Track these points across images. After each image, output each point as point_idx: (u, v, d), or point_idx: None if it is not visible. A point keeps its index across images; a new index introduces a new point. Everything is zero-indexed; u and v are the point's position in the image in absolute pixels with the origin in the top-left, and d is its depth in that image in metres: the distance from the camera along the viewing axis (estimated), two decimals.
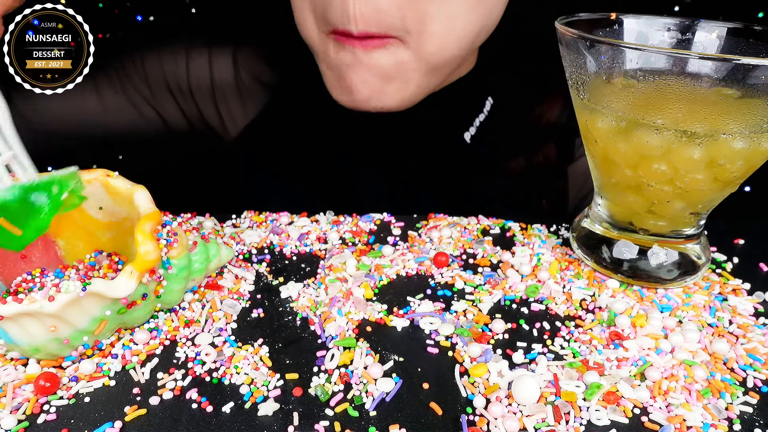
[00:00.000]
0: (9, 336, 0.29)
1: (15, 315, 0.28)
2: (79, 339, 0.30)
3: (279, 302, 0.37)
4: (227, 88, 0.63)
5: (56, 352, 0.30)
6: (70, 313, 0.29)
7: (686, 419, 0.29)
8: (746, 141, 0.33)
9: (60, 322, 0.29)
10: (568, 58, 0.38)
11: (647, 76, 0.33)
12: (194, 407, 0.29)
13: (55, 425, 0.28)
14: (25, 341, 0.29)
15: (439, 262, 0.41)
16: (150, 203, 0.34)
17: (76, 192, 0.33)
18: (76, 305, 0.29)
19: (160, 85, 0.62)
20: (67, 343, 0.30)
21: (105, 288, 0.29)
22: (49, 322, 0.29)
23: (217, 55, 0.63)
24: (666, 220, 0.38)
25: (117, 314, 0.31)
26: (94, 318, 0.30)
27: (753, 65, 0.30)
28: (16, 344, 0.29)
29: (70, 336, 0.30)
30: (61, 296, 0.28)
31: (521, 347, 0.34)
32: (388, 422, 0.29)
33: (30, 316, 0.28)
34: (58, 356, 0.31)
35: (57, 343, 0.30)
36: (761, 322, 0.36)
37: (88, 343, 0.31)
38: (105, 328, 0.31)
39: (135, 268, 0.30)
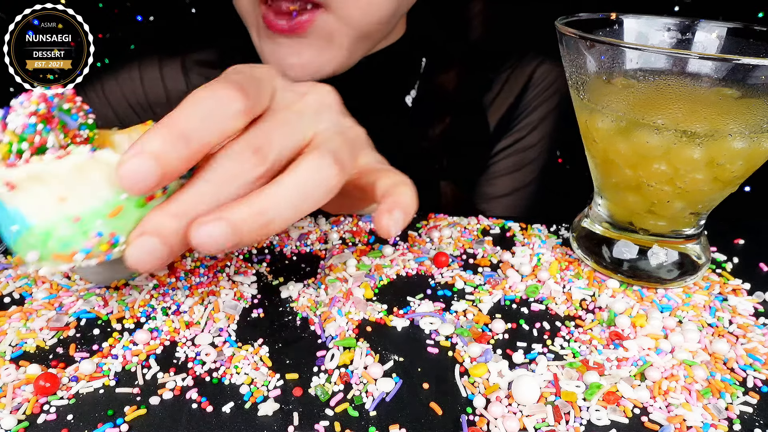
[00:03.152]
0: (23, 217, 0.26)
1: (26, 179, 0.25)
2: (91, 221, 0.26)
3: (279, 302, 0.37)
4: (180, 95, 0.64)
5: (67, 237, 0.26)
6: (81, 181, 0.26)
7: (686, 419, 0.29)
8: (746, 141, 0.33)
9: (70, 191, 0.26)
10: (568, 58, 0.38)
11: (647, 76, 0.33)
12: (194, 407, 0.29)
13: (55, 425, 0.28)
14: (37, 218, 0.26)
15: (439, 262, 0.41)
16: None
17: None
18: (86, 173, 0.26)
19: (122, 105, 0.64)
20: (77, 222, 0.26)
21: (115, 157, 0.26)
22: (58, 189, 0.26)
23: (167, 66, 0.65)
24: (666, 220, 0.38)
25: (135, 207, 0.27)
26: (106, 199, 0.26)
27: (753, 65, 0.30)
28: (29, 229, 0.26)
29: (82, 214, 0.26)
30: (70, 157, 0.26)
31: (521, 347, 0.34)
32: (388, 422, 0.29)
33: (39, 180, 0.26)
34: (70, 248, 0.26)
35: (68, 223, 0.26)
36: (761, 322, 0.36)
37: (102, 231, 0.27)
38: (121, 214, 0.27)
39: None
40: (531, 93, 0.66)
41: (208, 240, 0.26)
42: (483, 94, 0.66)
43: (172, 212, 0.26)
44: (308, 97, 0.32)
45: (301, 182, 0.28)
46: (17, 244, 0.27)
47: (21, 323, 0.34)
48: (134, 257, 0.26)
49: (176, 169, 0.26)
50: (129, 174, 0.25)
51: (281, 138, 0.29)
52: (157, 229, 0.26)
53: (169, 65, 0.65)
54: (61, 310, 0.36)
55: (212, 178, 0.27)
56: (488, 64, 0.66)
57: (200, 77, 0.65)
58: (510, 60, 0.66)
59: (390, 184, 0.32)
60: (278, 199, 0.28)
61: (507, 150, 0.67)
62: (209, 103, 0.27)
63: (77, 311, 0.36)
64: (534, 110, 0.67)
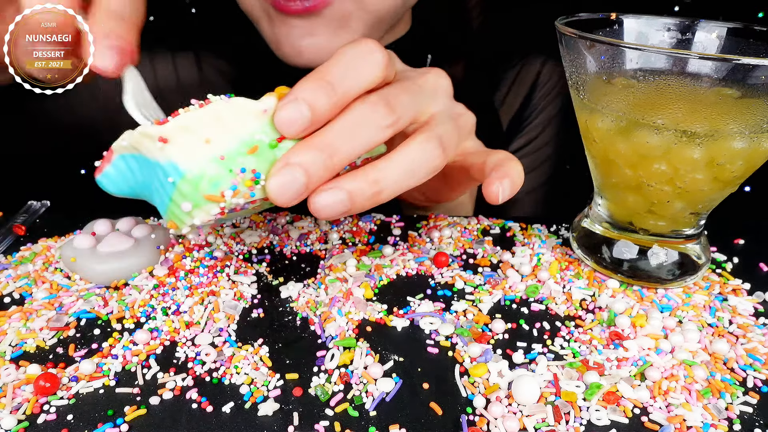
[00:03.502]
0: (176, 166, 0.28)
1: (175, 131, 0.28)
2: (234, 160, 0.29)
3: (279, 302, 0.37)
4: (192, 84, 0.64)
5: (216, 177, 0.28)
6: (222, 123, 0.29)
7: (686, 419, 0.29)
8: (746, 141, 0.33)
9: (213, 132, 0.29)
10: (568, 58, 0.38)
11: (647, 76, 0.33)
12: (194, 407, 0.29)
13: (55, 425, 0.28)
14: (189, 164, 0.28)
15: (439, 262, 0.41)
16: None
17: None
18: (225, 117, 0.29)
19: None
20: (223, 160, 0.28)
21: (249, 101, 0.29)
22: (203, 132, 0.28)
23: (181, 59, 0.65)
24: (666, 220, 0.38)
25: (269, 147, 0.29)
26: (243, 139, 0.29)
27: (753, 65, 0.30)
28: (183, 177, 0.28)
29: (226, 152, 0.29)
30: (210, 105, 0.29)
31: (521, 347, 0.34)
32: (388, 422, 0.29)
33: (186, 130, 0.28)
34: (219, 187, 0.29)
35: (215, 163, 0.28)
36: (761, 322, 0.36)
37: (246, 166, 0.29)
38: (258, 152, 0.29)
39: (274, 93, 0.30)
40: (539, 92, 0.66)
41: (326, 205, 0.29)
42: (493, 93, 0.65)
43: (315, 146, 0.29)
44: (428, 76, 0.35)
45: (409, 160, 0.31)
46: (173, 201, 0.30)
47: (21, 323, 0.34)
48: (277, 186, 0.28)
49: (324, 115, 0.29)
50: (284, 118, 0.28)
51: (407, 101, 0.32)
52: (300, 160, 0.29)
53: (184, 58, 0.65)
54: (61, 310, 0.36)
55: (350, 119, 0.30)
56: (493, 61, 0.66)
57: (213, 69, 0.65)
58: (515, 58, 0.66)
59: (500, 158, 0.35)
60: (388, 173, 0.31)
61: (521, 151, 0.67)
62: (354, 55, 0.30)
63: (77, 311, 0.36)
64: (543, 109, 0.67)
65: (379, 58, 0.31)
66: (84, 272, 0.38)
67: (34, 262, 0.40)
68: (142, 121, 0.32)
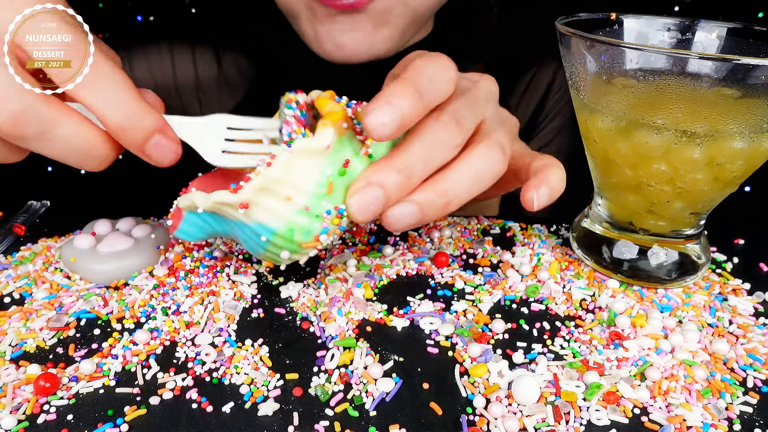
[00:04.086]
0: (264, 226, 0.30)
1: (252, 195, 0.29)
2: (317, 204, 0.30)
3: (279, 302, 0.37)
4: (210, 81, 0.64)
5: (307, 226, 0.30)
6: (293, 175, 0.29)
7: (686, 419, 0.29)
8: (746, 141, 0.33)
9: (290, 188, 0.30)
10: (568, 58, 0.38)
11: (647, 76, 0.33)
12: (194, 407, 0.29)
13: (55, 425, 0.28)
14: (276, 223, 0.30)
15: (439, 262, 0.41)
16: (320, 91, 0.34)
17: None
18: (293, 167, 0.29)
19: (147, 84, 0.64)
20: (309, 211, 0.30)
21: (309, 141, 0.30)
22: (281, 191, 0.29)
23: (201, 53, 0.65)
24: (666, 220, 0.38)
25: (339, 175, 0.31)
26: (317, 181, 0.30)
27: (753, 65, 0.30)
28: (275, 233, 0.30)
29: (308, 203, 0.30)
30: (276, 159, 0.29)
31: (521, 347, 0.34)
32: (388, 422, 0.29)
33: (264, 191, 0.29)
34: (312, 233, 0.31)
35: (301, 214, 0.30)
36: (761, 322, 0.36)
37: (329, 208, 0.30)
38: (335, 191, 0.31)
39: (326, 119, 0.30)
40: (552, 98, 0.66)
41: (399, 218, 0.31)
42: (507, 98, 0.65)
43: (395, 167, 0.31)
44: (481, 84, 0.36)
45: (474, 168, 0.33)
46: (269, 251, 0.31)
47: (21, 323, 0.34)
48: (358, 204, 0.30)
49: (410, 122, 0.30)
50: (376, 122, 0.29)
51: (470, 115, 0.34)
52: (381, 180, 0.30)
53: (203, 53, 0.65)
54: (61, 310, 0.36)
55: (426, 140, 0.32)
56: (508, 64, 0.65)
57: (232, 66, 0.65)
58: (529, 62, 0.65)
59: (543, 164, 0.36)
60: (455, 183, 0.32)
61: None
62: (436, 68, 0.32)
63: (77, 311, 0.36)
64: (555, 116, 0.66)
65: (454, 72, 0.32)
66: (84, 272, 0.38)
67: (34, 262, 0.40)
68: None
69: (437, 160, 0.32)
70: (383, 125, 0.29)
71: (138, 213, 0.44)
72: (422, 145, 0.31)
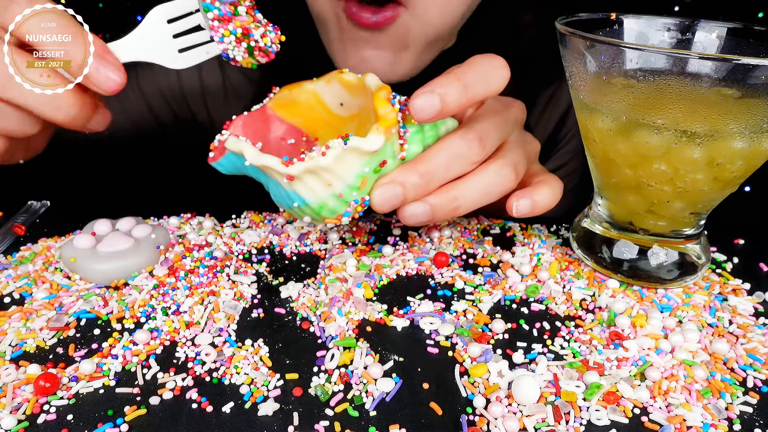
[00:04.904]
0: (300, 197, 0.34)
1: (300, 173, 0.33)
2: (349, 194, 0.34)
3: (279, 302, 0.37)
4: (216, 88, 0.65)
5: (335, 208, 0.35)
6: (339, 167, 0.33)
7: (686, 419, 0.29)
8: (746, 141, 0.33)
9: (333, 176, 0.34)
10: (568, 58, 0.38)
11: (647, 76, 0.33)
12: (194, 407, 0.29)
13: (55, 425, 0.28)
14: (312, 199, 0.34)
15: (439, 262, 0.41)
16: (379, 81, 0.37)
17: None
18: (342, 160, 0.33)
19: (157, 97, 0.64)
20: (341, 197, 0.34)
21: (361, 142, 0.33)
22: (325, 176, 0.33)
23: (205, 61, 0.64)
24: (666, 220, 0.38)
25: (373, 173, 0.35)
26: (356, 174, 0.34)
27: (753, 65, 0.30)
28: (307, 205, 0.35)
29: (343, 191, 0.34)
30: (330, 151, 0.33)
31: (521, 347, 0.34)
32: (388, 422, 0.29)
33: (311, 172, 0.33)
34: (337, 213, 0.35)
35: (334, 199, 0.34)
36: (761, 322, 0.36)
37: (357, 198, 0.35)
38: (366, 185, 0.35)
39: (380, 125, 0.34)
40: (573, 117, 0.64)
41: (412, 214, 0.36)
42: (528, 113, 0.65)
43: (416, 171, 0.35)
44: (511, 109, 0.40)
45: (485, 182, 0.37)
46: (294, 211, 0.36)
47: (21, 323, 0.34)
48: (380, 198, 0.35)
49: (451, 110, 0.34)
50: (418, 105, 0.33)
51: (495, 136, 0.37)
52: (402, 180, 0.35)
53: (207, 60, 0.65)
54: (61, 310, 0.36)
55: (447, 152, 0.36)
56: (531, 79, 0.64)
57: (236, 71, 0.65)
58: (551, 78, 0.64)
59: (538, 180, 0.39)
60: (466, 192, 0.36)
61: None
62: (487, 66, 0.35)
63: (77, 311, 0.36)
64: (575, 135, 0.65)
65: (506, 73, 0.36)
66: (84, 272, 0.38)
67: (34, 262, 0.40)
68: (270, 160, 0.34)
69: (456, 171, 0.36)
70: (423, 109, 0.33)
71: (138, 213, 0.44)
72: (446, 156, 0.36)
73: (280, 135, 0.40)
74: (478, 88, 0.35)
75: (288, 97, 0.40)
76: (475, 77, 0.35)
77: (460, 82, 0.34)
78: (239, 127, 0.37)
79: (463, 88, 0.34)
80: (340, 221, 0.36)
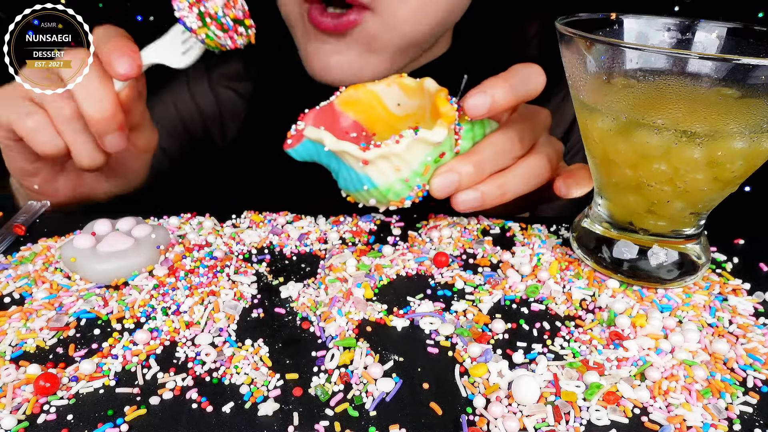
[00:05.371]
0: (371, 180, 0.38)
1: (375, 158, 0.37)
2: (414, 180, 0.39)
3: (279, 302, 0.37)
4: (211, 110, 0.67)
5: (400, 191, 0.39)
6: (408, 154, 0.37)
7: (686, 419, 0.29)
8: (746, 141, 0.33)
9: (402, 162, 0.38)
10: (568, 58, 0.38)
11: (647, 76, 0.33)
12: (194, 407, 0.29)
13: (55, 425, 0.28)
14: (382, 182, 0.38)
15: (439, 262, 0.41)
16: (437, 85, 0.42)
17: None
18: (411, 148, 0.37)
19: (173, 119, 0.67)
20: (407, 182, 0.38)
21: (428, 134, 0.37)
22: (395, 162, 0.37)
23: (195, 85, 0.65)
24: (666, 220, 0.38)
25: (434, 162, 0.39)
26: (421, 162, 0.38)
27: (753, 65, 0.30)
28: (376, 187, 0.38)
29: (409, 176, 0.38)
30: (403, 140, 0.37)
31: (521, 347, 0.34)
32: (388, 422, 0.29)
33: (384, 158, 0.37)
34: (401, 197, 0.39)
35: (401, 183, 0.38)
36: (761, 322, 0.36)
37: (420, 184, 0.39)
38: (428, 173, 0.39)
39: (443, 121, 0.38)
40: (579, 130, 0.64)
41: (465, 200, 0.40)
42: None
43: (470, 161, 0.40)
44: (541, 115, 0.45)
45: (526, 171, 0.42)
46: (361, 194, 0.40)
47: (21, 323, 0.34)
48: (439, 183, 0.39)
49: (499, 109, 0.39)
50: (472, 104, 0.38)
51: (529, 136, 0.43)
52: (459, 169, 0.40)
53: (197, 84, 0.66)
54: (61, 310, 0.36)
55: (494, 147, 0.41)
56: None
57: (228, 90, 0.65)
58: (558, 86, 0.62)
59: (572, 168, 0.45)
60: (511, 179, 0.42)
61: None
62: (529, 72, 0.40)
63: (77, 311, 0.36)
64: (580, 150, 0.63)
65: (543, 79, 0.41)
66: (84, 272, 0.38)
67: (34, 262, 0.40)
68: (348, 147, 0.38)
69: (501, 163, 0.42)
70: (477, 106, 0.38)
71: (138, 213, 0.44)
72: (493, 151, 0.41)
73: (345, 128, 0.44)
74: (521, 90, 0.40)
75: (353, 96, 0.44)
76: (518, 81, 0.40)
77: (507, 83, 0.39)
78: (311, 119, 0.41)
79: (510, 89, 0.39)
80: (403, 204, 0.40)
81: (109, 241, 0.39)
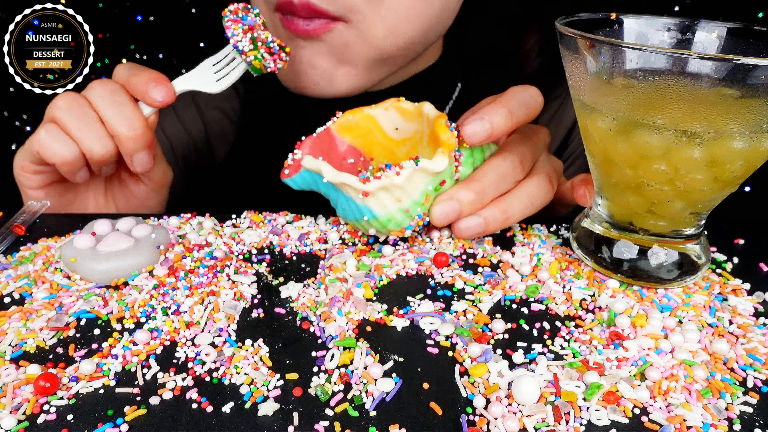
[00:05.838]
0: (371, 211, 0.38)
1: (375, 189, 0.37)
2: (414, 209, 0.39)
3: (279, 302, 0.37)
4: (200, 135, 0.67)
5: (401, 221, 0.39)
6: (408, 185, 0.38)
7: (686, 419, 0.29)
8: (746, 141, 0.33)
9: (402, 193, 0.38)
10: (568, 58, 0.38)
11: (647, 76, 0.33)
12: (194, 407, 0.29)
13: (55, 425, 0.28)
14: (382, 213, 0.38)
15: (439, 262, 0.41)
16: (436, 110, 0.42)
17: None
18: (412, 179, 0.38)
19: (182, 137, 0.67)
20: (408, 212, 0.39)
21: (429, 164, 0.37)
22: (396, 193, 0.38)
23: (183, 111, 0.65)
24: (666, 220, 0.38)
25: (434, 191, 0.40)
26: (422, 191, 0.39)
27: (753, 65, 0.30)
28: (376, 218, 0.39)
29: (410, 206, 0.39)
30: (404, 171, 0.37)
31: (521, 347, 0.34)
32: (388, 422, 0.29)
33: (384, 189, 0.37)
34: (402, 227, 0.40)
35: (402, 213, 0.39)
36: (761, 322, 0.36)
37: (420, 213, 0.40)
38: (429, 201, 0.40)
39: (444, 149, 0.38)
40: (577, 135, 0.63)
41: (467, 227, 0.40)
42: None
43: (472, 189, 0.40)
44: (540, 135, 0.45)
45: (529, 194, 0.42)
46: (362, 224, 0.40)
47: (21, 323, 0.34)
48: (439, 212, 0.40)
49: (498, 134, 0.39)
50: (470, 131, 0.38)
51: (530, 157, 0.43)
52: (459, 197, 0.40)
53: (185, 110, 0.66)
54: (61, 310, 0.36)
55: (495, 172, 0.41)
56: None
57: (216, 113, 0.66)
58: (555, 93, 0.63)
59: (579, 177, 0.45)
60: (514, 203, 0.41)
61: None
62: (527, 95, 0.41)
63: (77, 311, 0.36)
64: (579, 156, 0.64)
65: (541, 100, 0.41)
66: (84, 272, 0.38)
67: (34, 262, 0.40)
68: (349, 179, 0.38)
69: (503, 188, 0.41)
70: (476, 134, 0.38)
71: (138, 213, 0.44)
72: (495, 176, 0.41)
73: (342, 154, 0.44)
74: (519, 114, 0.40)
75: (350, 121, 0.44)
76: (517, 105, 0.39)
77: (505, 108, 0.39)
78: (308, 147, 0.41)
79: (508, 114, 0.39)
80: (403, 233, 0.40)
81: (109, 241, 0.39)
